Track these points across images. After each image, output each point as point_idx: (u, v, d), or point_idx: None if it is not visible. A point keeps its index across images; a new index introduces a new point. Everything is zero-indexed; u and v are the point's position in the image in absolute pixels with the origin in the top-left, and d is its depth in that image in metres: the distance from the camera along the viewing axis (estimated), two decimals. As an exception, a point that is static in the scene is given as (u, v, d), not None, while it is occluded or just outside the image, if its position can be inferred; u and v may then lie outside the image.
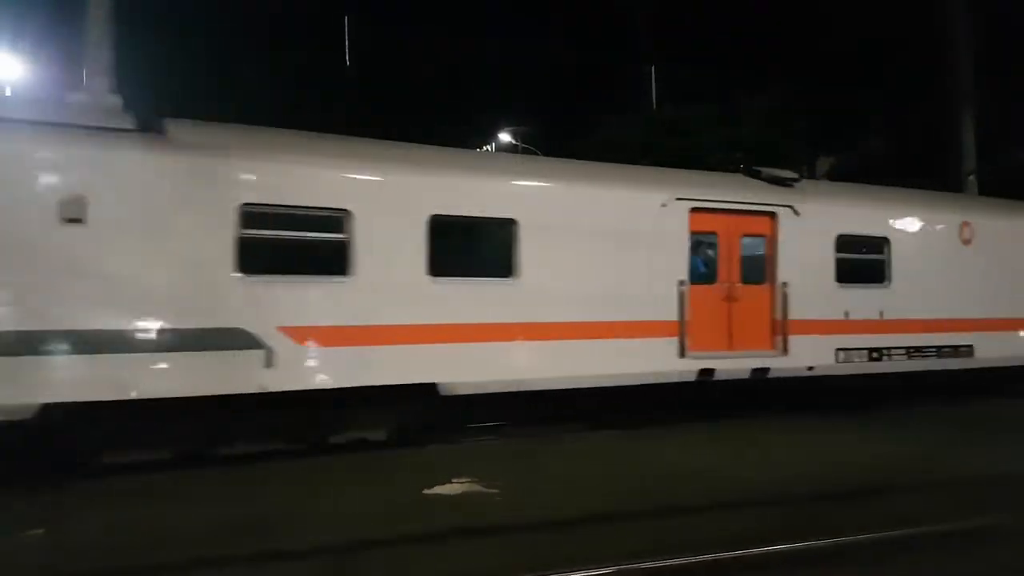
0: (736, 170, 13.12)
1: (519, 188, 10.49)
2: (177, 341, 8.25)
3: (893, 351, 12.70)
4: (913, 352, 12.89)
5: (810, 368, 11.97)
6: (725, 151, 24.03)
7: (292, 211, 8.91)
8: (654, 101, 33.19)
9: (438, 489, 7.89)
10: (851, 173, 19.10)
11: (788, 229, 11.90)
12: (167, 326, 8.25)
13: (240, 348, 8.49)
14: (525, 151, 34.18)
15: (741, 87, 26.99)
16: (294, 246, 9.00)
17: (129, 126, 8.42)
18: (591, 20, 35.13)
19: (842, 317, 12.26)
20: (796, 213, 11.98)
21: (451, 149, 11.43)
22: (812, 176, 24.73)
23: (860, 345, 12.41)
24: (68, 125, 8.17)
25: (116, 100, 9.09)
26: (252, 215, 8.68)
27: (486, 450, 10.04)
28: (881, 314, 12.56)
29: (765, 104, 26.03)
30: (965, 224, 13.59)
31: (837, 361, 12.21)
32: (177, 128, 8.69)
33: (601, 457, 9.51)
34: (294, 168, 8.97)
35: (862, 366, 12.48)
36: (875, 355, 12.55)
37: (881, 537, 6.46)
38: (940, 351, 13.14)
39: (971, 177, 20.00)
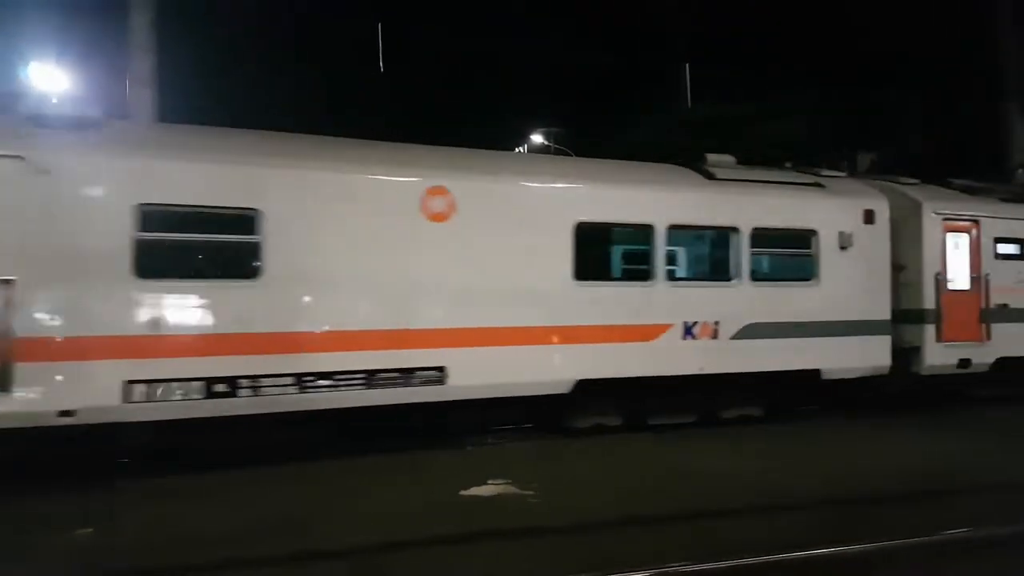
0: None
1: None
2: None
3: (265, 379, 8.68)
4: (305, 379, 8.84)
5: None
6: (763, 150, 23.77)
7: None
8: (689, 100, 32.97)
9: (474, 490, 7.94)
10: (893, 168, 18.75)
11: None
12: None
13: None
14: (558, 152, 34.16)
15: (776, 85, 26.68)
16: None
17: None
18: (623, 19, 34.93)
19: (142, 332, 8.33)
20: None
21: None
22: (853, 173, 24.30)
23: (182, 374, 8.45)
24: None
25: None
26: None
27: (522, 452, 10.08)
28: (243, 323, 8.73)
29: (802, 101, 25.71)
30: (435, 191, 9.63)
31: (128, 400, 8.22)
32: None
33: (639, 460, 9.50)
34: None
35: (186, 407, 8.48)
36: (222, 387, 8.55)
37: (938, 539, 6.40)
38: (372, 378, 9.12)
39: (1021, 170, 19.54)
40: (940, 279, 12.63)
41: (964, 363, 12.77)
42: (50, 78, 22.29)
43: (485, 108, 35.04)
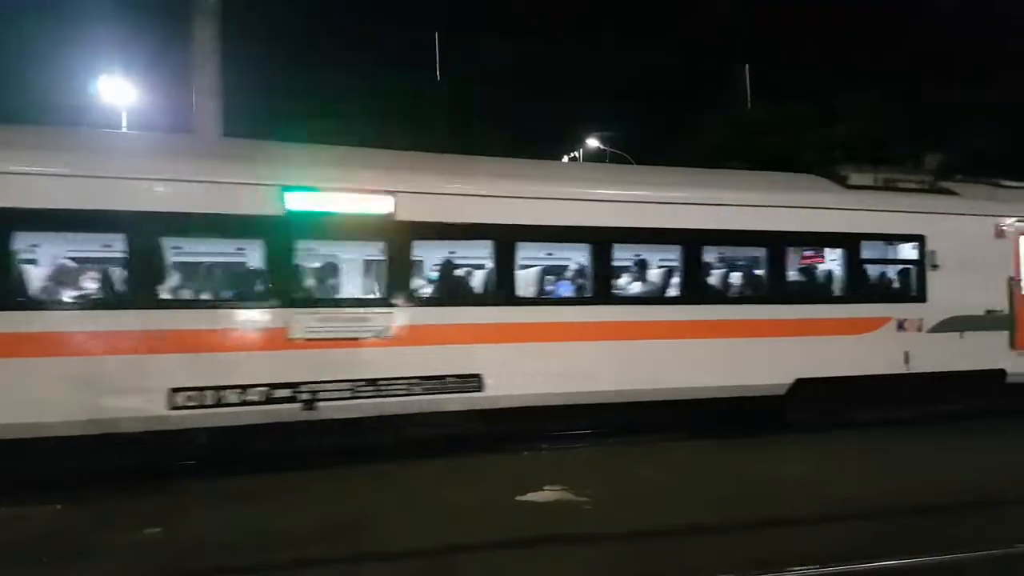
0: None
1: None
2: None
3: None
4: None
5: None
6: (824, 150, 23.33)
7: None
8: (749, 101, 32.53)
9: (530, 496, 7.94)
10: (961, 168, 18.19)
11: None
12: None
13: None
14: (614, 158, 34.02)
15: (837, 86, 26.15)
16: None
17: None
18: (678, 22, 34.65)
19: None
20: None
21: None
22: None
23: None
24: None
25: None
26: None
27: (577, 458, 10.03)
28: None
29: (866, 101, 25.13)
30: None
31: None
32: None
33: (695, 467, 9.38)
34: None
35: None
36: None
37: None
38: None
39: None
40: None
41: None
42: (118, 91, 23.14)
43: (539, 113, 35.13)
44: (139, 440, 8.32)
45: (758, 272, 11.29)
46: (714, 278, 11.28)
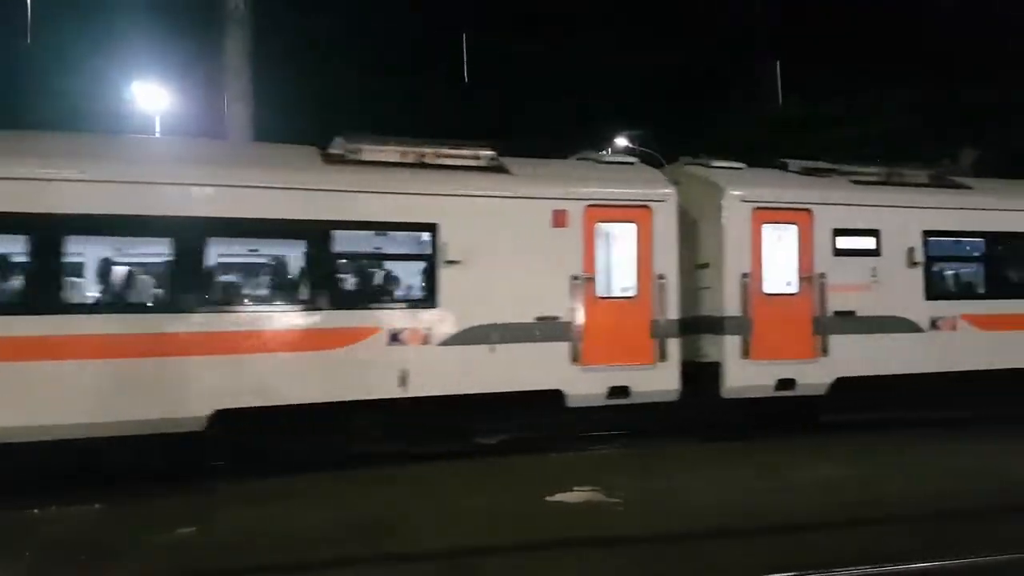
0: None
1: None
2: None
3: None
4: None
5: None
6: (855, 147, 23.01)
7: None
8: (780, 97, 32.20)
9: (560, 497, 7.93)
10: (999, 166, 17.79)
11: None
12: None
13: None
14: (643, 155, 33.83)
15: (869, 83, 25.77)
16: None
17: None
18: (706, 18, 34.41)
19: None
20: None
21: None
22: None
23: None
24: None
25: None
26: None
27: (608, 459, 10.02)
28: None
29: (894, 98, 24.77)
30: None
31: None
32: None
33: (728, 469, 9.29)
34: None
35: None
36: None
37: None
38: None
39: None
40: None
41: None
42: (152, 97, 23.54)
43: (567, 113, 35.06)
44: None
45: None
46: None
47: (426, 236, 9.38)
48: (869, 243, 11.06)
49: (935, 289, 11.42)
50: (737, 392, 10.42)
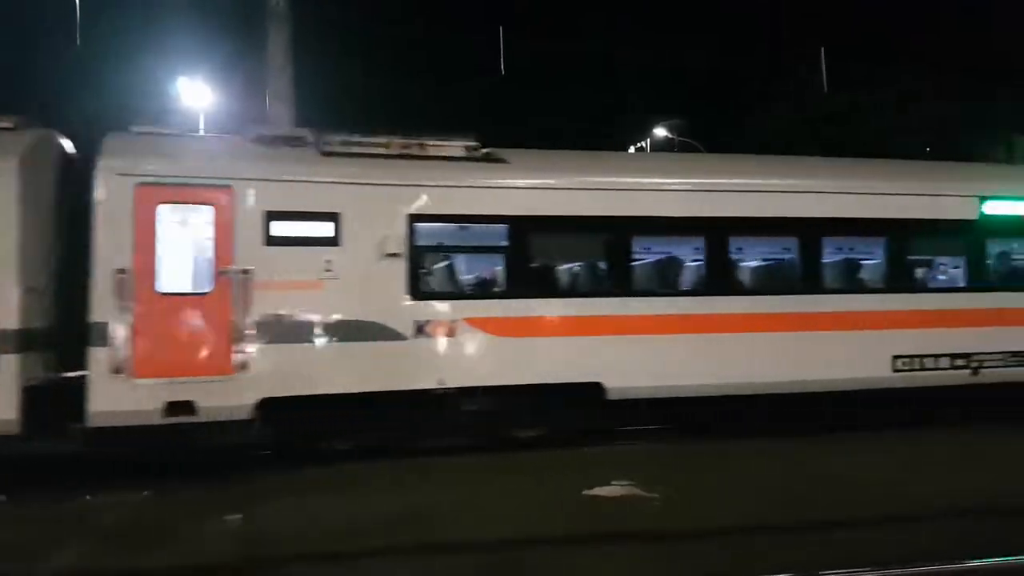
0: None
1: None
2: None
3: None
4: None
5: None
6: (898, 135, 22.58)
7: None
8: (825, 85, 31.64)
9: (597, 491, 7.95)
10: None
11: None
12: None
13: None
14: (683, 146, 33.56)
15: (910, 72, 25.19)
16: None
17: None
18: (748, 8, 33.92)
19: None
20: None
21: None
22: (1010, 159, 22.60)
23: None
24: None
25: None
26: None
27: (645, 453, 10.00)
28: None
29: (940, 88, 24.19)
30: None
31: None
32: None
33: (766, 465, 9.22)
34: None
35: None
36: None
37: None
38: None
39: None
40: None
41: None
42: (196, 94, 24.00)
43: (605, 105, 34.91)
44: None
45: None
46: None
47: None
48: (324, 229, 8.97)
49: (426, 287, 9.41)
50: (109, 419, 8.23)
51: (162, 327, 8.48)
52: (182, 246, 8.77)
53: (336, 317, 8.94)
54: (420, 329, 9.14)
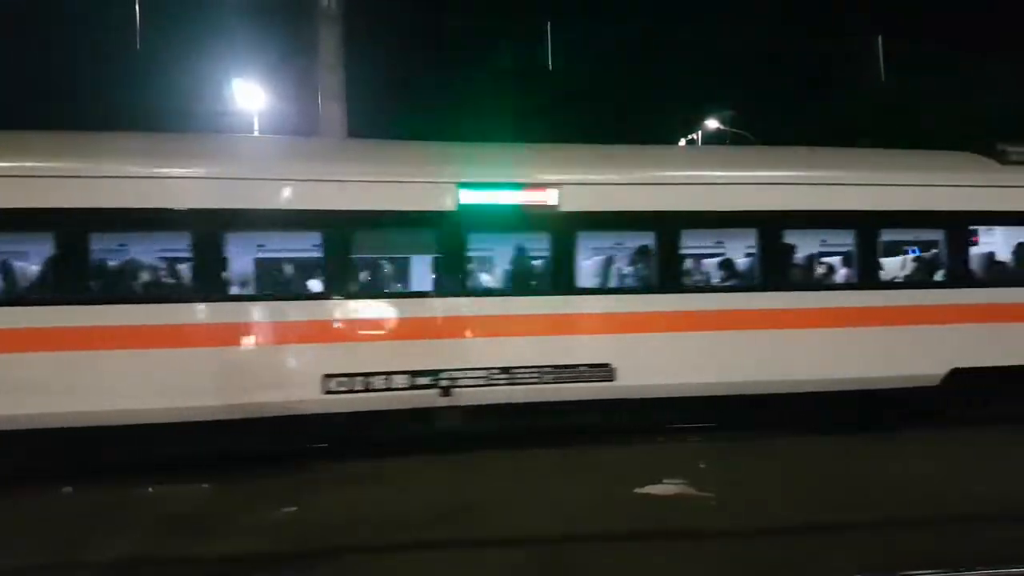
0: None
1: None
2: None
3: None
4: None
5: None
6: (962, 125, 21.84)
7: None
8: (882, 73, 30.72)
9: (649, 489, 7.90)
10: None
11: None
12: None
13: None
14: (736, 138, 33.04)
15: (973, 57, 24.30)
16: None
17: None
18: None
19: None
20: None
21: None
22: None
23: None
24: None
25: None
26: None
27: (698, 451, 9.89)
28: None
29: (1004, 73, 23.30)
30: None
31: None
32: None
33: (821, 464, 9.06)
34: None
35: None
36: None
37: None
38: None
39: None
40: None
41: None
42: (251, 95, 24.47)
43: (656, 97, 34.52)
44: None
45: None
46: None
47: None
48: None
49: None
50: None
51: None
52: None
53: None
54: None
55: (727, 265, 10.59)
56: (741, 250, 10.70)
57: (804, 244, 10.65)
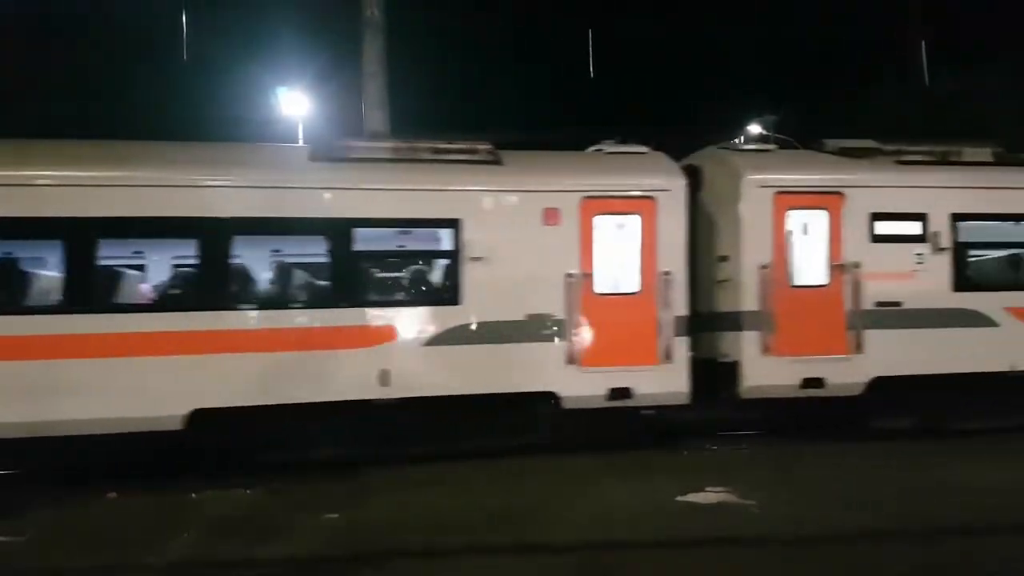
0: None
1: None
2: None
3: None
4: None
5: None
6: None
7: None
8: (926, 76, 30.08)
9: (692, 496, 7.88)
10: None
11: None
12: None
13: None
14: (779, 142, 32.56)
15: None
16: None
17: None
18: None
19: None
20: None
21: None
22: None
23: None
24: None
25: None
26: None
27: (741, 458, 9.83)
28: None
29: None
30: None
31: None
32: None
33: (869, 470, 8.92)
34: None
35: None
36: None
37: None
38: None
39: None
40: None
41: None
42: (296, 103, 24.87)
43: (696, 101, 34.24)
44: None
45: None
46: None
47: None
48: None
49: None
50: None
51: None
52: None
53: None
54: None
55: None
56: None
57: None
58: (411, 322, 9.27)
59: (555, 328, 9.48)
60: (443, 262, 9.66)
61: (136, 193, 8.82)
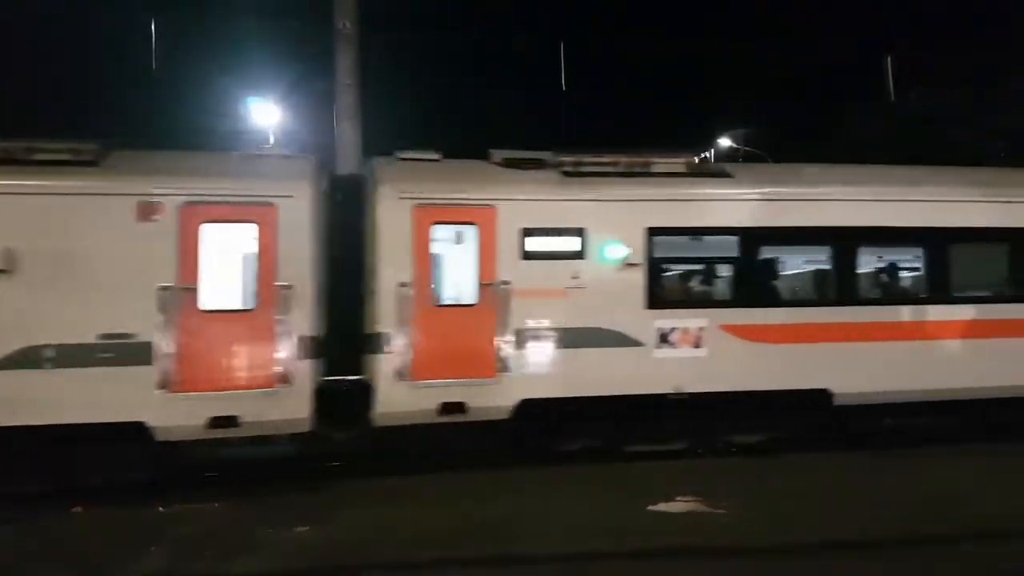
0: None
1: None
2: None
3: None
4: None
5: None
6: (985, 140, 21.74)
7: None
8: (892, 93, 30.66)
9: (662, 506, 7.90)
10: None
11: None
12: None
13: None
14: (748, 156, 33.00)
15: (994, 71, 24.20)
16: None
17: None
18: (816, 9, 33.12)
19: None
20: None
21: None
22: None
23: None
24: None
25: None
26: None
27: (709, 467, 9.84)
28: None
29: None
30: None
31: None
32: None
33: (838, 479, 9.01)
34: None
35: None
36: None
37: None
38: None
39: None
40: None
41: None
42: (266, 114, 24.75)
43: (667, 115, 34.60)
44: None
45: None
46: None
47: None
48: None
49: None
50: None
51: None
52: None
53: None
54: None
55: None
56: None
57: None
58: None
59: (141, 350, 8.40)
60: None
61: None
